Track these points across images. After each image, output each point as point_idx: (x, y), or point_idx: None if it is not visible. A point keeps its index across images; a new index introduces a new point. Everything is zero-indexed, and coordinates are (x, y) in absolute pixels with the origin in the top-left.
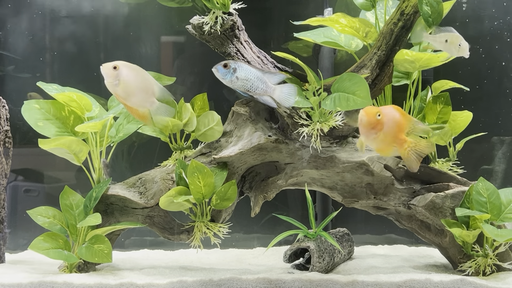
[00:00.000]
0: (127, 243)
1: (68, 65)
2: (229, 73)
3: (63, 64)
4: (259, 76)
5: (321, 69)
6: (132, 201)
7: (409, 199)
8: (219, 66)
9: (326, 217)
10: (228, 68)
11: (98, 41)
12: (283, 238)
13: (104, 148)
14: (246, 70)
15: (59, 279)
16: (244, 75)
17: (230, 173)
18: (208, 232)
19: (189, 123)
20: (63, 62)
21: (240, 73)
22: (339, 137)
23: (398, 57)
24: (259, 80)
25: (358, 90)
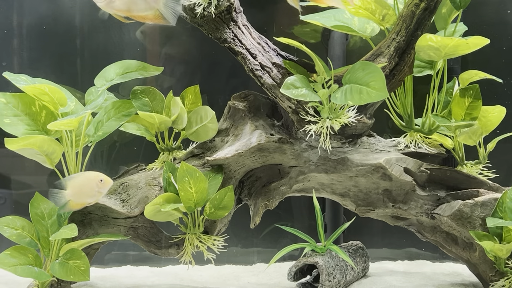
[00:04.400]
0: (107, 258)
1: (39, 53)
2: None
3: (34, 52)
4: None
5: (331, 58)
6: (113, 209)
7: (433, 207)
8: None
9: (337, 228)
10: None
11: (74, 25)
12: (287, 252)
13: (80, 148)
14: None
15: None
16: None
17: (226, 178)
18: (201, 245)
19: (178, 120)
20: (34, 50)
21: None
22: (352, 136)
23: (420, 43)
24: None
25: (373, 81)
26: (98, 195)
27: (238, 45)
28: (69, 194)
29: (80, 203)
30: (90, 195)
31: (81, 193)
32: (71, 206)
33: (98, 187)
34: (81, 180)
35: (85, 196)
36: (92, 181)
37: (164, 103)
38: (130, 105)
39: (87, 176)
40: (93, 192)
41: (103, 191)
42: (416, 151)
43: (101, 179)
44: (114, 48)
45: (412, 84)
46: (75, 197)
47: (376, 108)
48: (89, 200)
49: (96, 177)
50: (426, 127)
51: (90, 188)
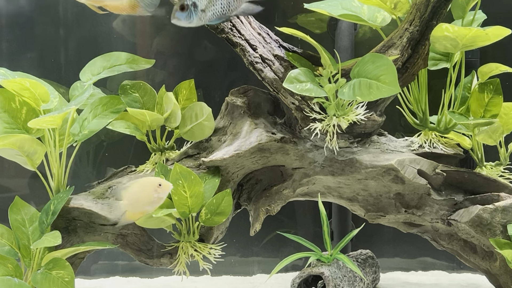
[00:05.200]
0: (94, 268)
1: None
2: (191, 13)
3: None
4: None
5: (338, 50)
6: (100, 215)
7: (450, 213)
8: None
9: (345, 236)
10: (187, 8)
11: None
12: (290, 262)
13: (64, 148)
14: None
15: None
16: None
17: (224, 181)
18: (196, 254)
19: (171, 117)
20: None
21: (200, 2)
22: (361, 135)
23: (435, 33)
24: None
25: (384, 74)
26: (157, 201)
27: (236, 35)
28: (126, 205)
29: (138, 212)
30: (149, 202)
31: (139, 202)
32: (128, 217)
33: (157, 193)
34: (137, 187)
35: (143, 205)
36: (149, 187)
37: (155, 99)
38: (119, 101)
39: (143, 182)
40: (151, 198)
41: (163, 196)
42: (431, 151)
43: (159, 183)
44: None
45: (426, 78)
46: (133, 207)
47: (388, 105)
48: (148, 208)
49: (154, 182)
50: (442, 125)
51: (148, 195)
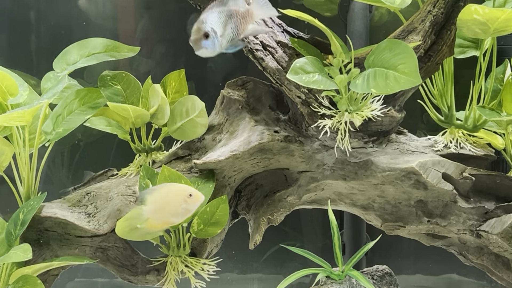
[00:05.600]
0: (69, 286)
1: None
2: (215, 40)
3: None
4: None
5: (351, 35)
6: (77, 226)
7: (479, 223)
8: (203, 43)
9: (358, 249)
10: (211, 36)
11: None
12: (295, 280)
13: (36, 149)
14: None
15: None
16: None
17: (219, 186)
18: (187, 271)
19: (159, 113)
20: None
21: (217, 28)
22: (377, 133)
23: (463, 16)
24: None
25: (402, 63)
26: (184, 214)
27: None
28: (149, 211)
29: (162, 222)
30: (175, 213)
31: (163, 210)
32: (150, 226)
33: (186, 203)
34: (164, 193)
35: (168, 214)
36: (178, 195)
37: (140, 92)
38: (98, 95)
39: (172, 188)
40: (178, 209)
41: (191, 209)
42: (457, 152)
43: (190, 193)
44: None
45: (452, 68)
46: (156, 215)
47: (408, 99)
48: (173, 219)
49: (184, 191)
50: (470, 122)
51: (175, 204)
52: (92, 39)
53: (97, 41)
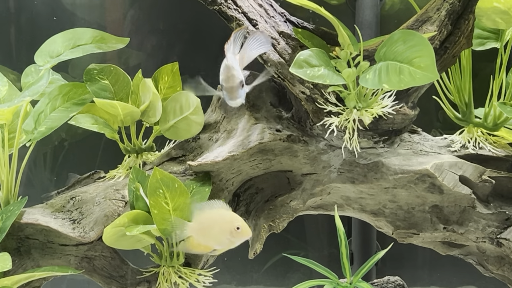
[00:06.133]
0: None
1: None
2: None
3: None
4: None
5: (360, 25)
6: (60, 233)
7: (500, 230)
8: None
9: (368, 259)
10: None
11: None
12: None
13: (15, 149)
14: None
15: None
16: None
17: (216, 190)
18: (181, 282)
19: (150, 110)
20: None
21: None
22: (388, 132)
23: (482, 5)
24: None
25: (418, 57)
26: (228, 245)
27: (231, 7)
28: (193, 229)
29: (203, 245)
30: (218, 241)
31: (208, 234)
32: (190, 245)
33: (231, 235)
34: (213, 217)
35: (211, 240)
36: (226, 225)
37: (130, 87)
38: (84, 90)
39: (222, 215)
40: (222, 238)
41: (235, 242)
42: (476, 153)
43: (238, 226)
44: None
45: (471, 61)
46: (199, 236)
47: (422, 94)
48: (215, 246)
49: (233, 222)
50: (490, 120)
51: (221, 231)
52: (77, 29)
53: (82, 32)
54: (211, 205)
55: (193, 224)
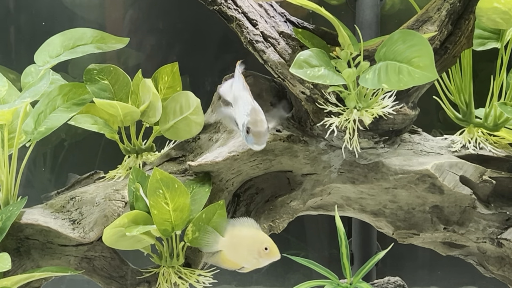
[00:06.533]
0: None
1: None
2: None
3: None
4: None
5: (360, 25)
6: (60, 233)
7: (500, 230)
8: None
9: (368, 259)
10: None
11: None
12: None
13: (15, 149)
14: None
15: None
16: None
17: (216, 190)
18: (181, 283)
19: (150, 110)
20: None
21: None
22: (388, 132)
23: (482, 5)
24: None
25: (417, 56)
26: (255, 264)
27: (232, 7)
28: (224, 244)
29: (232, 261)
30: (246, 259)
31: (237, 250)
32: (220, 260)
33: (259, 255)
34: (244, 234)
35: (239, 257)
36: (254, 244)
37: (130, 87)
38: (84, 90)
39: (253, 234)
40: (250, 256)
41: (263, 262)
42: (476, 153)
43: (266, 246)
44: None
45: (471, 61)
46: (229, 251)
47: (422, 95)
48: (243, 263)
49: (262, 242)
50: (491, 121)
51: (250, 250)
52: (77, 29)
53: (82, 32)
54: (243, 223)
55: (225, 239)
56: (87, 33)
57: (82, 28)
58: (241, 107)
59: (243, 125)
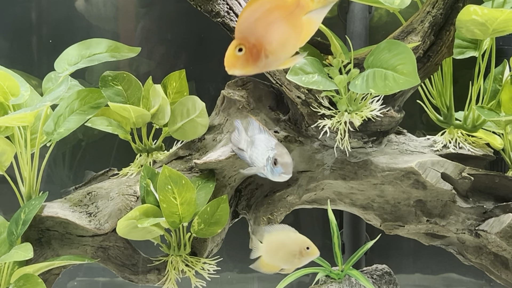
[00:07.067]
0: (70, 286)
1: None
2: None
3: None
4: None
5: (351, 36)
6: (78, 225)
7: (478, 222)
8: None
9: (358, 249)
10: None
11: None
12: (295, 279)
13: (37, 149)
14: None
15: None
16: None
17: (219, 186)
18: (188, 270)
19: (159, 113)
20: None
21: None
22: (376, 133)
23: (462, 17)
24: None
25: (401, 64)
26: (297, 264)
27: (234, 20)
28: (263, 250)
29: (273, 265)
30: (288, 260)
31: (277, 255)
32: (261, 264)
33: (301, 254)
34: (282, 239)
35: (280, 260)
36: (296, 245)
37: (141, 92)
38: (99, 95)
39: (292, 236)
40: (292, 258)
41: (305, 261)
42: (456, 152)
43: (308, 246)
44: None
45: (451, 68)
46: (269, 256)
47: (407, 99)
48: (284, 265)
49: (303, 242)
50: (469, 123)
51: (292, 251)
52: (93, 39)
53: (98, 42)
54: (280, 228)
55: (264, 245)
56: (102, 43)
57: (98, 39)
58: (261, 145)
59: (268, 159)
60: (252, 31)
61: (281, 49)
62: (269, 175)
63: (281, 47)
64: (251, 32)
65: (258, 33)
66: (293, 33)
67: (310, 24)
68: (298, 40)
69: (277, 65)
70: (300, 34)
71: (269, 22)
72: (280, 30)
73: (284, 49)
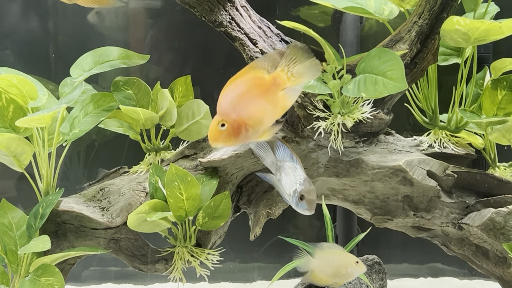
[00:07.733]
0: (85, 275)
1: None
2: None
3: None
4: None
5: (343, 44)
6: (92, 219)
7: (461, 216)
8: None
9: (350, 240)
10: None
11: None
12: (292, 268)
13: (54, 148)
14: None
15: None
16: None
17: (222, 182)
18: (193, 260)
19: (167, 116)
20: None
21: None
22: (367, 134)
23: (446, 27)
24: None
25: (390, 70)
26: (346, 277)
27: (235, 29)
28: (315, 264)
29: (323, 279)
30: (338, 274)
31: (328, 270)
32: (312, 277)
33: (351, 268)
34: (334, 256)
35: (331, 275)
36: (347, 261)
37: (150, 96)
38: (111, 99)
39: (344, 254)
40: (342, 272)
41: (354, 274)
42: (441, 151)
43: (357, 261)
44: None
45: (436, 74)
46: (320, 270)
47: (395, 102)
48: (335, 279)
49: (353, 258)
50: (453, 124)
51: (342, 266)
52: (106, 48)
53: (110, 50)
54: (330, 247)
55: (316, 260)
56: (114, 51)
57: (110, 47)
58: (291, 175)
59: (295, 192)
60: (233, 108)
61: (260, 123)
62: (293, 205)
63: (260, 121)
64: (233, 108)
65: (239, 110)
66: (271, 108)
67: (286, 99)
68: (275, 113)
69: (256, 137)
70: (277, 108)
71: (249, 99)
72: (259, 106)
73: (263, 123)
